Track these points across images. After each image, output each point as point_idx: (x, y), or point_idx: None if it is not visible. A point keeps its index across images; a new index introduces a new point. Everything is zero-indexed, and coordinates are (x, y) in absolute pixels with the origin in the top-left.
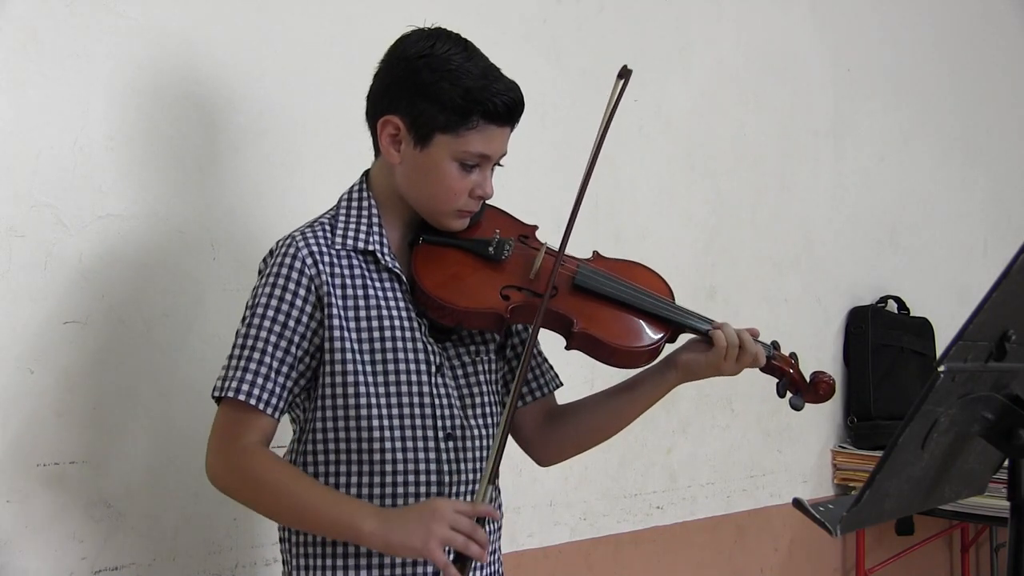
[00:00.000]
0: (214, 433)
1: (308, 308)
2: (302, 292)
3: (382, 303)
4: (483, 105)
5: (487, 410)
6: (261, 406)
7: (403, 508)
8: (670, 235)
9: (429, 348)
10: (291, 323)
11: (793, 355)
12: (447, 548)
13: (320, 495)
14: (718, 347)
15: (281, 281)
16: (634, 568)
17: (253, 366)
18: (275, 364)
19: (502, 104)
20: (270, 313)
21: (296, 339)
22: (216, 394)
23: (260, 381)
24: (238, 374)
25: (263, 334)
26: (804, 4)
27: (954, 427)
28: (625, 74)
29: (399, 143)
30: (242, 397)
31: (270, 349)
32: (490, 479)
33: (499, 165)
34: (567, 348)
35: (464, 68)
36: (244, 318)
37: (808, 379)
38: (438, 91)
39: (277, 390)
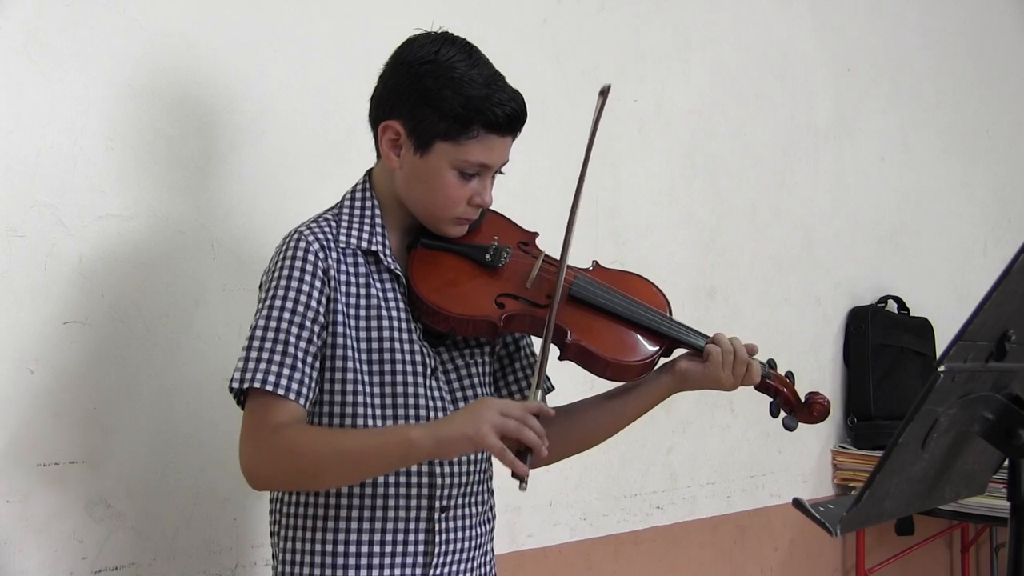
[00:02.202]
0: (245, 428)
1: (324, 300)
2: (317, 284)
3: (382, 304)
4: (484, 115)
5: None
6: (292, 396)
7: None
8: (670, 235)
9: (424, 352)
10: (311, 313)
11: (789, 374)
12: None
13: (359, 434)
14: (714, 356)
15: (296, 273)
16: (634, 568)
17: (278, 357)
18: (300, 354)
19: (503, 115)
20: (289, 304)
21: (316, 328)
22: (236, 385)
23: (287, 371)
24: (263, 365)
25: (284, 325)
26: (804, 4)
27: (954, 427)
28: (605, 91)
29: (399, 148)
30: (269, 388)
31: (293, 339)
32: (539, 384)
33: (500, 173)
34: (560, 359)
35: (467, 76)
36: (259, 310)
37: (803, 399)
38: (440, 99)
39: (306, 380)
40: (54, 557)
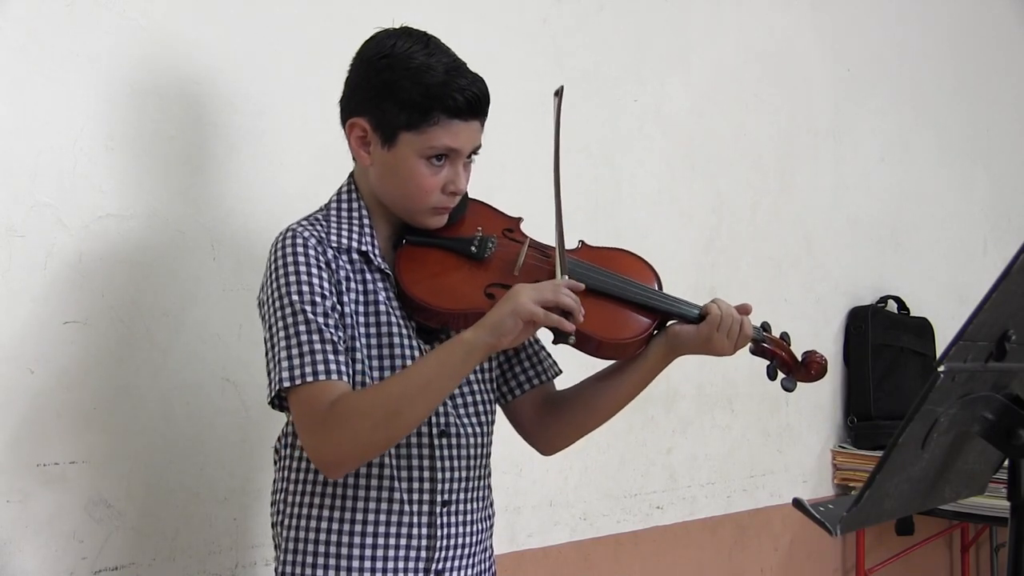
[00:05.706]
0: (302, 423)
1: (333, 288)
2: (324, 274)
3: (380, 300)
4: (443, 101)
5: (480, 408)
6: (334, 376)
7: None
8: (670, 235)
9: (422, 349)
10: (328, 302)
11: (784, 335)
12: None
13: (413, 365)
14: (712, 317)
15: (303, 267)
16: (634, 568)
17: (318, 346)
18: (335, 338)
19: (463, 99)
20: (307, 295)
21: (336, 315)
22: (287, 384)
23: (331, 356)
24: (306, 358)
25: (310, 315)
26: (804, 4)
27: (954, 427)
28: (559, 92)
29: (368, 145)
30: (322, 377)
31: (323, 328)
32: (562, 271)
33: (471, 160)
34: (554, 343)
35: (425, 65)
36: (277, 310)
37: (800, 359)
38: (399, 90)
39: (343, 358)
40: (54, 557)
